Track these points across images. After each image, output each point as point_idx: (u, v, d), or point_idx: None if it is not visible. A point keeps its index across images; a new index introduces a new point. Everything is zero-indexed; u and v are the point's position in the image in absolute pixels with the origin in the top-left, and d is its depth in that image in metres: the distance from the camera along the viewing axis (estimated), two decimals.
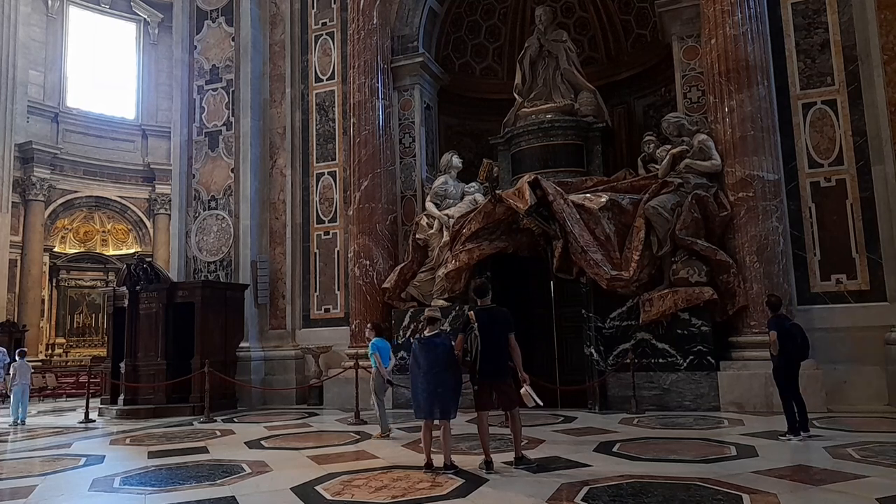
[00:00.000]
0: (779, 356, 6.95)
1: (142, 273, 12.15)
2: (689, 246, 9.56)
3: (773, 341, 6.93)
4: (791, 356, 6.97)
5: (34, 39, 21.61)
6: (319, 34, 13.98)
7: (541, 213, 10.17)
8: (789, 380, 6.98)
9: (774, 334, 6.92)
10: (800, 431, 6.74)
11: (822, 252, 9.75)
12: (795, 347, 6.94)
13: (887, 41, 9.55)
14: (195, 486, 5.53)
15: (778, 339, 6.89)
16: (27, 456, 7.69)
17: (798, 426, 6.77)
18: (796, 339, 6.96)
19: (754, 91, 9.60)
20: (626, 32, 13.80)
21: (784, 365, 6.98)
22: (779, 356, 6.95)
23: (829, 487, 4.70)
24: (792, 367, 7.00)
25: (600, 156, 11.88)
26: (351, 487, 5.22)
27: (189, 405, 11.28)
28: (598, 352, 9.78)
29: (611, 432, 7.62)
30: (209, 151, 14.26)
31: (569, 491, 4.83)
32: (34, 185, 20.76)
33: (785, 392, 6.95)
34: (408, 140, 12.98)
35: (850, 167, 9.77)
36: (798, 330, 7.05)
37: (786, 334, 6.92)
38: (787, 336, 6.92)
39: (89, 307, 23.00)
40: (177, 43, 15.23)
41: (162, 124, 22.91)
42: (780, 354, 6.93)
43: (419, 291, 11.51)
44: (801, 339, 6.99)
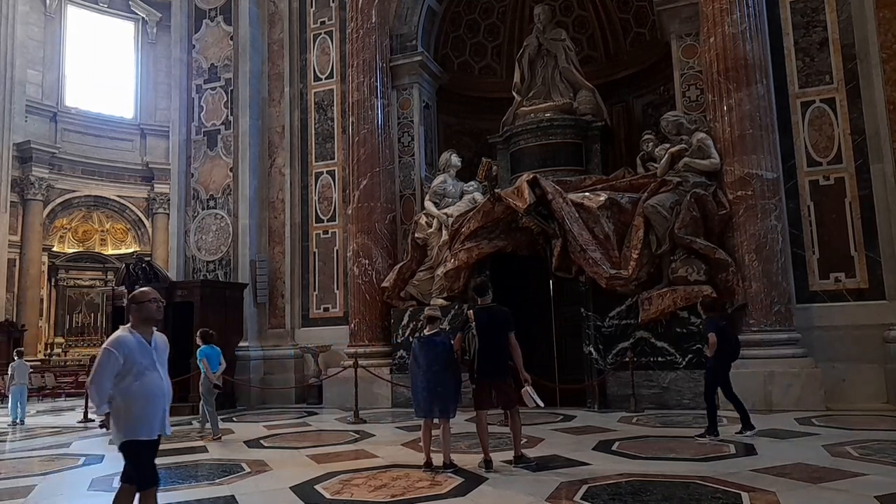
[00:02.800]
0: (715, 357, 6.99)
1: (141, 272, 12.15)
2: (688, 245, 9.56)
3: (712, 343, 6.98)
4: (727, 357, 7.04)
5: (32, 38, 21.57)
6: (318, 33, 13.97)
7: (540, 212, 10.17)
8: (725, 381, 7.05)
9: (713, 336, 6.96)
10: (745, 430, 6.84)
11: (821, 250, 9.76)
12: (731, 349, 7.03)
13: (886, 39, 9.55)
14: (194, 485, 5.54)
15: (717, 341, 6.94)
16: (26, 455, 7.69)
17: (743, 425, 6.87)
18: (731, 340, 7.03)
19: (753, 90, 9.60)
20: (624, 31, 13.81)
21: (719, 366, 7.06)
22: (715, 357, 6.99)
23: (827, 485, 4.71)
24: (727, 368, 7.08)
25: (599, 154, 11.89)
26: (350, 486, 5.22)
27: (188, 404, 11.26)
28: (598, 350, 9.78)
29: (610, 431, 7.63)
30: (208, 151, 14.25)
31: (568, 490, 4.83)
32: (33, 185, 20.73)
33: (712, 393, 7.02)
34: (407, 139, 12.97)
35: (848, 166, 9.77)
36: (732, 330, 7.10)
37: (722, 336, 6.97)
38: (724, 337, 6.97)
39: (88, 307, 22.98)
40: (175, 42, 15.22)
41: (160, 123, 22.89)
42: (717, 356, 6.97)
43: (418, 290, 11.51)
44: (734, 340, 7.08)
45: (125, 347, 3.59)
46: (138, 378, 3.58)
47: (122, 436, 3.57)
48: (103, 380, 3.54)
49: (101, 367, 3.55)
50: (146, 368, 3.63)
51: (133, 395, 3.56)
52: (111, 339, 3.64)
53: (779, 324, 9.14)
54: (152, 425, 3.63)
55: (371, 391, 10.88)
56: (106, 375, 3.54)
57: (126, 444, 3.58)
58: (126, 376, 3.57)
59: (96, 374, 3.55)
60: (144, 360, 3.64)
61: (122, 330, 3.72)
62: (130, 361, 3.57)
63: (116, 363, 3.54)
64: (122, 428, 3.57)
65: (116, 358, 3.54)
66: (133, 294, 3.87)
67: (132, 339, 3.65)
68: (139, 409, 3.57)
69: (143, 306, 3.76)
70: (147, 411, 3.60)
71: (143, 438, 3.59)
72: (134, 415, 3.56)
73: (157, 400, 3.66)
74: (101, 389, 3.55)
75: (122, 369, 3.55)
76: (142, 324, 3.74)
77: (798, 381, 8.86)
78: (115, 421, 3.59)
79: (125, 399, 3.56)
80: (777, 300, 9.18)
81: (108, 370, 3.54)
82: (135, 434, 3.56)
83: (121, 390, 3.56)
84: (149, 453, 3.67)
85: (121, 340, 3.61)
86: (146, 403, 3.60)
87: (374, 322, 11.78)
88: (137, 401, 3.57)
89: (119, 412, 3.57)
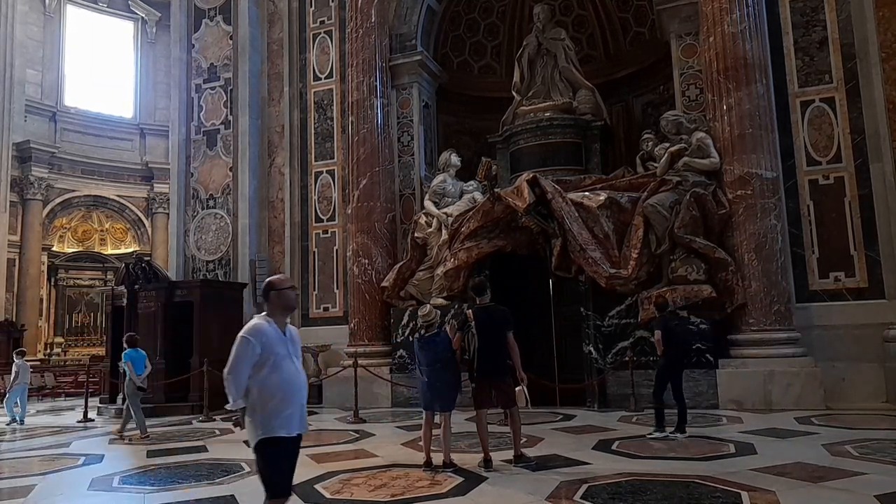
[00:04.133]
0: (663, 356, 7.07)
1: (140, 272, 12.13)
2: (688, 244, 9.56)
3: (657, 341, 7.08)
4: (674, 356, 7.08)
5: (31, 38, 21.55)
6: (318, 32, 13.96)
7: (539, 212, 10.17)
8: (674, 379, 7.07)
9: (659, 334, 7.03)
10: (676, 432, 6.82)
11: (821, 250, 9.76)
12: (678, 347, 7.05)
13: (885, 39, 9.56)
14: (194, 484, 5.54)
15: (662, 340, 7.00)
16: (26, 455, 7.70)
17: (676, 426, 6.86)
18: (678, 338, 7.06)
19: (753, 89, 9.60)
20: (624, 30, 13.80)
21: (668, 365, 7.09)
22: (663, 356, 7.07)
23: (827, 484, 4.72)
24: (676, 366, 7.11)
25: (599, 154, 11.88)
26: (350, 486, 5.22)
27: (188, 404, 11.27)
28: (597, 350, 9.78)
29: (610, 430, 7.63)
30: (207, 150, 14.24)
31: (568, 489, 4.83)
32: (32, 185, 20.71)
33: (660, 391, 7.04)
34: (406, 138, 12.97)
35: (848, 165, 9.78)
36: (682, 329, 7.15)
37: (669, 334, 7.01)
38: (671, 336, 6.99)
39: (88, 306, 22.97)
40: (175, 42, 15.22)
41: (160, 123, 22.86)
42: (665, 354, 7.04)
43: (418, 290, 11.51)
44: (682, 339, 7.08)
45: (262, 336, 3.32)
46: (276, 370, 3.31)
47: (258, 433, 3.27)
48: (241, 370, 3.27)
49: (238, 356, 3.28)
50: (283, 359, 3.35)
51: (271, 389, 3.28)
52: (248, 327, 3.38)
53: (778, 323, 9.14)
54: (291, 422, 3.34)
55: (371, 391, 10.88)
56: (244, 366, 3.27)
57: (262, 442, 3.27)
58: (263, 367, 3.29)
59: (234, 364, 3.28)
60: (281, 350, 3.37)
61: (257, 318, 3.45)
62: (268, 352, 3.30)
63: (254, 353, 3.27)
64: (259, 424, 3.28)
65: (254, 347, 3.28)
66: (270, 280, 3.57)
67: (269, 328, 3.38)
68: (277, 404, 3.28)
69: (283, 293, 3.49)
70: (285, 406, 3.31)
71: (282, 435, 3.30)
72: (271, 410, 3.27)
73: (296, 394, 3.38)
74: (239, 381, 3.27)
75: (260, 360, 3.28)
76: (280, 312, 3.47)
77: (798, 380, 8.86)
78: (250, 417, 3.30)
79: (262, 392, 3.27)
80: (777, 299, 9.18)
81: (246, 360, 3.27)
82: (272, 430, 3.27)
83: (257, 383, 3.28)
84: (286, 455, 3.38)
85: (258, 329, 3.35)
86: (284, 397, 3.31)
87: (374, 321, 11.77)
88: (275, 394, 3.28)
89: (255, 407, 3.28)
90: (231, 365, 3.29)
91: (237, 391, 3.28)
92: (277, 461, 3.32)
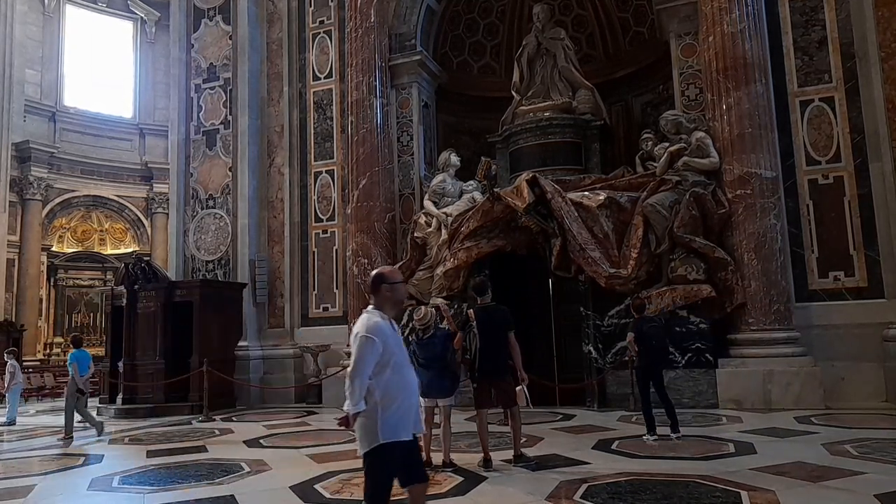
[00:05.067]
0: (639, 358, 7.08)
1: (140, 272, 12.13)
2: (688, 244, 9.56)
3: (629, 342, 7.09)
4: (652, 357, 7.07)
5: (31, 38, 21.55)
6: (317, 32, 13.96)
7: (539, 212, 10.17)
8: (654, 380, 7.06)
9: (631, 336, 7.05)
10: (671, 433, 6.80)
11: (820, 249, 9.76)
12: (651, 349, 7.04)
13: (885, 38, 9.55)
14: (194, 485, 5.54)
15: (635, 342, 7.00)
16: (26, 455, 7.69)
17: (670, 427, 6.84)
18: (651, 340, 7.05)
19: (752, 88, 9.60)
20: (623, 30, 13.80)
21: (645, 366, 7.10)
22: (639, 358, 7.08)
23: (827, 484, 4.72)
24: (652, 368, 7.10)
25: (598, 154, 11.87)
26: (350, 486, 5.22)
27: (188, 404, 11.27)
28: (597, 349, 9.78)
29: (609, 430, 7.63)
30: (207, 150, 14.24)
31: (567, 488, 4.83)
32: (31, 185, 20.71)
33: (645, 392, 7.03)
34: (406, 138, 12.97)
35: (847, 164, 9.78)
36: (655, 332, 7.11)
37: (641, 337, 7.01)
38: (644, 338, 6.99)
39: (87, 306, 22.98)
40: (174, 41, 15.21)
41: (159, 123, 22.87)
42: (640, 356, 7.05)
43: (418, 290, 11.50)
44: (656, 341, 7.10)
45: (383, 335, 3.12)
46: (397, 371, 3.15)
47: (378, 437, 3.08)
48: (366, 371, 3.07)
49: (362, 356, 3.07)
50: (402, 359, 3.20)
51: (393, 391, 3.10)
52: (369, 325, 3.14)
53: (778, 323, 9.14)
54: (410, 424, 3.19)
55: None
56: (369, 366, 3.07)
57: (382, 447, 3.08)
58: (385, 368, 3.11)
59: (359, 364, 3.07)
60: (398, 349, 3.20)
61: (371, 314, 3.22)
62: (388, 351, 3.12)
63: (377, 352, 3.08)
64: (380, 428, 3.07)
65: (377, 346, 3.08)
66: (381, 273, 3.35)
67: (387, 326, 3.18)
68: (399, 407, 3.11)
69: (395, 287, 3.29)
70: (406, 408, 3.16)
71: (404, 439, 3.14)
72: (393, 413, 3.09)
73: (414, 395, 3.23)
74: (364, 383, 3.07)
75: (381, 359, 3.10)
76: (391, 307, 3.28)
77: (797, 379, 8.86)
78: (367, 421, 3.10)
79: (385, 394, 3.09)
80: (776, 299, 9.18)
81: (371, 360, 3.07)
82: (395, 435, 3.09)
83: (380, 384, 3.09)
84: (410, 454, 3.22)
85: (379, 327, 3.14)
86: (405, 399, 3.15)
87: None
88: (397, 397, 3.11)
89: (375, 409, 3.08)
90: (355, 365, 3.10)
91: (360, 393, 3.07)
92: (392, 467, 3.15)
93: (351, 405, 3.08)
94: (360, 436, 3.15)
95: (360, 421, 3.11)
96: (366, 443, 3.13)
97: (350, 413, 3.09)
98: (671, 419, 6.89)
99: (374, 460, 3.12)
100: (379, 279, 3.30)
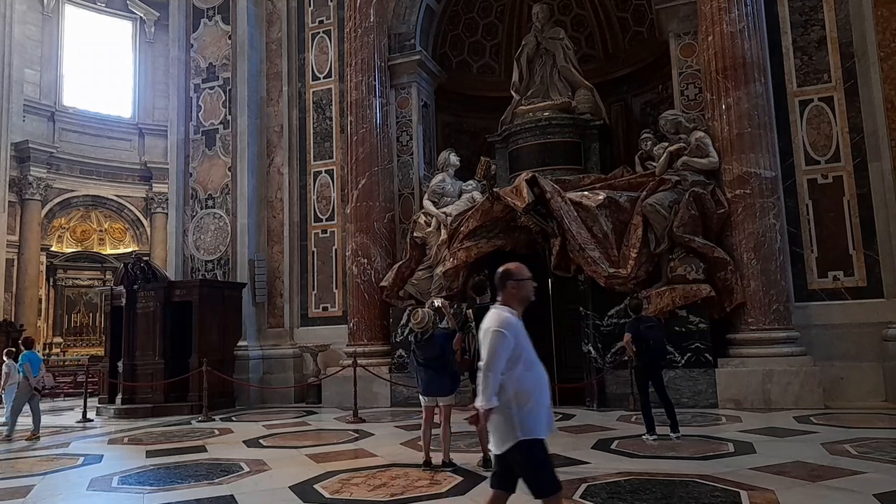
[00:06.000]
0: (638, 358, 7.07)
1: (139, 272, 12.13)
2: (687, 243, 9.57)
3: (626, 342, 7.09)
4: (648, 358, 7.07)
5: (30, 38, 21.51)
6: (316, 32, 13.96)
7: (538, 211, 10.17)
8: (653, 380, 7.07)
9: (628, 337, 7.04)
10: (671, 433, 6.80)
11: (820, 249, 9.77)
12: (648, 350, 7.04)
13: (884, 38, 9.56)
14: (194, 485, 5.54)
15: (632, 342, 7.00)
16: (25, 455, 7.68)
17: (670, 427, 6.84)
18: (648, 341, 7.05)
19: (751, 88, 9.61)
20: (623, 30, 13.81)
21: (643, 366, 7.10)
22: (638, 358, 7.07)
23: (826, 483, 4.72)
24: (651, 368, 7.10)
25: (598, 153, 11.89)
26: (349, 486, 5.22)
27: (187, 404, 11.27)
28: (596, 349, 9.79)
29: (609, 429, 7.64)
30: (206, 150, 14.23)
31: (567, 488, 4.79)
32: (31, 185, 20.67)
33: (644, 392, 7.03)
34: (405, 138, 12.97)
35: (847, 164, 9.78)
36: (652, 333, 7.12)
37: (639, 337, 7.01)
38: (640, 339, 7.00)
39: (87, 306, 22.93)
40: (173, 41, 15.20)
41: (159, 123, 22.83)
42: (638, 356, 7.05)
43: (417, 289, 11.51)
44: (654, 341, 7.10)
45: (514, 329, 3.11)
46: (529, 367, 3.12)
47: (515, 435, 3.02)
48: (499, 367, 3.04)
49: (496, 351, 3.05)
50: (533, 355, 3.16)
51: (527, 387, 3.08)
52: (500, 320, 3.12)
53: (777, 322, 9.15)
54: (547, 423, 3.13)
55: (370, 390, 10.88)
56: (502, 361, 3.05)
57: (521, 444, 3.02)
58: (517, 364, 3.08)
59: (492, 359, 3.04)
60: (528, 345, 3.16)
61: (501, 310, 3.19)
62: (520, 347, 3.10)
63: (509, 347, 3.06)
64: (517, 426, 3.03)
65: (510, 341, 3.06)
66: (507, 269, 3.32)
67: (517, 322, 3.15)
68: (534, 403, 3.07)
69: (522, 284, 3.27)
70: (540, 406, 3.10)
71: (542, 437, 3.08)
72: (528, 409, 3.05)
73: (547, 393, 3.18)
74: (498, 378, 3.04)
75: (513, 355, 3.07)
76: (518, 304, 3.25)
77: (797, 379, 8.87)
78: (502, 418, 3.05)
79: (519, 391, 3.05)
80: (775, 299, 9.19)
81: (504, 355, 3.05)
82: (532, 432, 3.04)
83: (513, 380, 3.06)
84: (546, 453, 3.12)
85: (510, 322, 3.12)
86: (539, 397, 3.10)
87: (373, 321, 11.78)
88: (532, 393, 3.08)
89: (509, 407, 3.04)
90: (489, 360, 3.06)
91: (494, 389, 3.03)
92: (543, 457, 3.08)
93: (484, 400, 3.04)
94: (496, 434, 3.10)
95: (494, 418, 3.06)
96: (503, 441, 3.07)
97: (483, 409, 3.04)
98: (671, 419, 6.89)
99: (522, 455, 3.06)
100: (506, 275, 3.28)
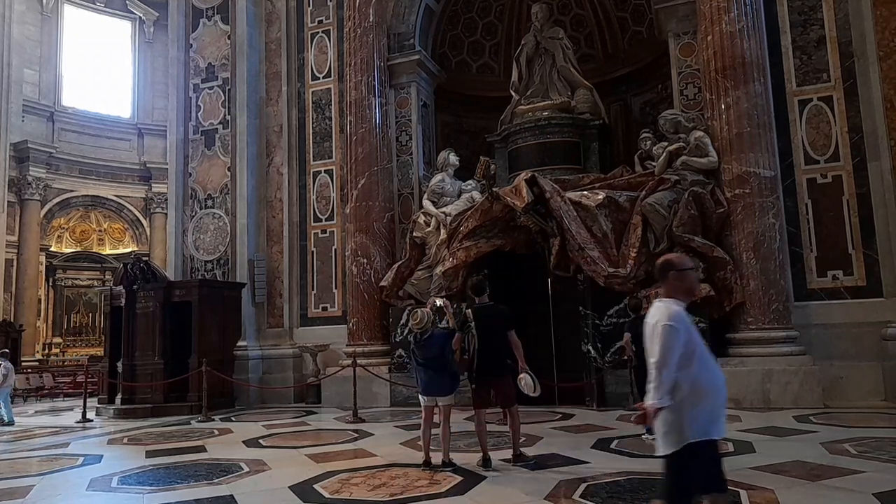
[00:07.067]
0: (637, 357, 7.10)
1: (139, 272, 12.11)
2: (686, 243, 9.56)
3: (626, 342, 7.13)
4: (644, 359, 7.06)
5: (29, 38, 21.51)
6: (315, 32, 13.95)
7: (538, 211, 10.16)
8: None
9: (628, 336, 7.07)
10: None
11: (819, 248, 9.77)
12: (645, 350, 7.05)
13: (883, 37, 9.56)
14: (193, 485, 5.53)
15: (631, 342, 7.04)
16: (24, 456, 7.69)
17: None
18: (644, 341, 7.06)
19: (750, 88, 9.61)
20: (622, 29, 13.81)
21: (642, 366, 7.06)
22: (637, 357, 7.10)
23: (826, 483, 4.72)
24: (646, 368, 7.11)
25: (597, 153, 11.89)
26: (349, 485, 5.22)
27: (187, 404, 11.26)
28: (596, 349, 9.79)
29: (608, 429, 7.64)
30: (205, 150, 14.23)
31: (567, 488, 4.83)
32: (30, 185, 20.68)
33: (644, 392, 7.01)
34: (405, 138, 12.96)
35: (846, 164, 9.78)
36: None
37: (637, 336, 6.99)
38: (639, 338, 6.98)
39: (86, 306, 22.94)
40: (172, 41, 15.19)
41: (158, 123, 22.83)
42: (638, 356, 7.05)
43: (416, 289, 11.51)
44: None
45: (684, 323, 2.92)
46: (704, 363, 2.93)
47: (686, 436, 2.85)
48: (673, 363, 2.86)
49: (668, 347, 2.87)
50: (706, 350, 2.97)
51: (703, 385, 2.89)
52: (670, 314, 2.93)
53: (777, 322, 9.15)
54: (720, 423, 2.95)
55: (370, 390, 10.88)
56: (675, 357, 2.86)
57: (692, 446, 2.84)
58: (691, 360, 2.89)
59: (666, 355, 2.87)
60: (700, 339, 2.96)
61: (667, 303, 3.00)
62: (692, 342, 2.91)
63: (681, 342, 2.88)
64: (688, 425, 2.86)
65: (682, 335, 2.88)
66: (668, 259, 3.15)
67: (686, 315, 2.96)
68: (710, 403, 2.91)
69: (684, 275, 3.07)
70: (717, 405, 2.95)
71: (715, 438, 2.92)
72: (703, 409, 2.87)
73: (723, 391, 2.99)
74: (671, 375, 2.87)
75: (685, 350, 2.88)
76: (682, 296, 3.04)
77: (796, 378, 8.87)
78: (671, 417, 2.87)
79: (694, 390, 2.87)
80: (775, 298, 9.19)
81: (677, 350, 2.87)
82: (706, 433, 2.88)
83: (688, 378, 2.87)
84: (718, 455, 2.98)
85: (680, 315, 2.93)
86: (716, 395, 2.94)
87: (373, 321, 11.77)
88: (708, 392, 2.90)
89: (682, 406, 2.86)
90: (661, 356, 2.88)
91: (668, 387, 2.87)
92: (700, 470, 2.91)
93: (656, 398, 2.89)
94: (663, 434, 2.93)
95: (663, 417, 2.89)
96: (670, 442, 2.90)
97: (653, 408, 2.89)
98: None
99: (679, 462, 2.89)
100: (667, 266, 3.12)
